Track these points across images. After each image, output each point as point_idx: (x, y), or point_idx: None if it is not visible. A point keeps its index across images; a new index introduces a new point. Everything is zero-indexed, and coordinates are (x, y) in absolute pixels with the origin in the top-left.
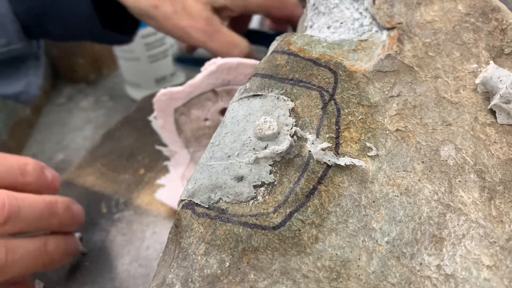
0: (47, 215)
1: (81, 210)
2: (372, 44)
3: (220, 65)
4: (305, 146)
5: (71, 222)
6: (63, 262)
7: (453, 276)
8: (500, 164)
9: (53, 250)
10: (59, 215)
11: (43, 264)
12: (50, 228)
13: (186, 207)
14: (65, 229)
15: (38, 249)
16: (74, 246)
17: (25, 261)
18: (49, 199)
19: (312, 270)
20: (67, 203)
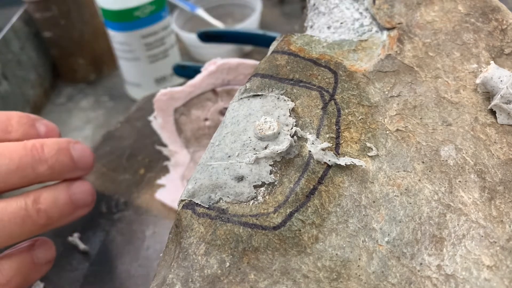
0: (30, 164)
1: (86, 151)
2: (372, 44)
3: (220, 65)
4: (305, 146)
5: (70, 167)
6: (71, 217)
7: (453, 276)
8: (500, 164)
9: (49, 206)
10: (49, 160)
11: (35, 225)
12: (39, 179)
13: (187, 207)
14: (64, 177)
15: (24, 209)
16: (84, 195)
17: (7, 227)
18: (31, 143)
19: (312, 270)
20: (60, 144)
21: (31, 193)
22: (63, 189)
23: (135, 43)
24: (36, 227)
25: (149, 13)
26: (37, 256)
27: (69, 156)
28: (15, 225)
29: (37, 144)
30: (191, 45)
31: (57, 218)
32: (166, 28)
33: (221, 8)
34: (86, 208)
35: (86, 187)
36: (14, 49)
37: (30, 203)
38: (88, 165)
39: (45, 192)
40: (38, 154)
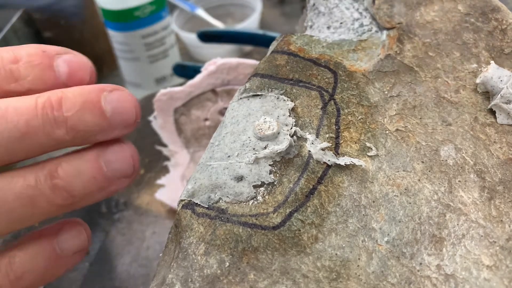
0: (41, 128)
1: (126, 100)
2: (372, 44)
3: (220, 65)
4: (305, 146)
5: (102, 127)
6: (103, 193)
7: (453, 276)
8: (500, 164)
9: (69, 181)
10: (69, 120)
11: (52, 205)
12: (58, 146)
13: (186, 207)
14: (93, 141)
15: (34, 186)
16: (121, 162)
17: (13, 210)
18: (44, 98)
19: (312, 270)
20: (86, 96)
21: (47, 163)
22: (91, 156)
23: (135, 43)
24: (54, 208)
25: (149, 13)
26: (62, 245)
27: (98, 111)
28: (22, 207)
29: (52, 97)
30: (191, 45)
31: (81, 195)
32: (166, 28)
33: (221, 8)
34: (125, 180)
35: (125, 152)
36: None
37: (43, 178)
38: (128, 121)
39: (66, 161)
40: (53, 113)
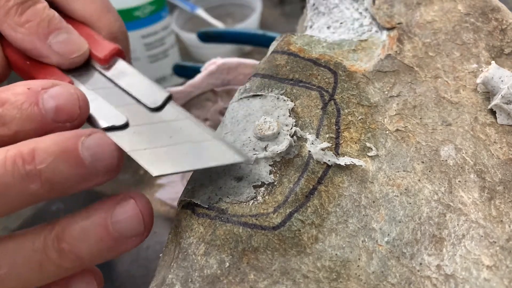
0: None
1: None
2: (372, 44)
3: (220, 65)
4: (305, 146)
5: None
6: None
7: (453, 276)
8: (500, 164)
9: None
10: (43, 173)
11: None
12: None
13: (186, 207)
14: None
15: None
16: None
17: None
18: (13, 152)
19: (312, 270)
20: (61, 144)
21: (55, 226)
22: (98, 217)
23: (135, 43)
24: (62, 271)
25: (149, 13)
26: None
27: (75, 160)
28: (31, 271)
29: (23, 150)
30: (191, 45)
31: (89, 258)
32: (166, 28)
33: (221, 8)
34: (136, 239)
35: (134, 210)
36: None
37: (51, 242)
38: (110, 167)
39: (73, 223)
40: (25, 167)
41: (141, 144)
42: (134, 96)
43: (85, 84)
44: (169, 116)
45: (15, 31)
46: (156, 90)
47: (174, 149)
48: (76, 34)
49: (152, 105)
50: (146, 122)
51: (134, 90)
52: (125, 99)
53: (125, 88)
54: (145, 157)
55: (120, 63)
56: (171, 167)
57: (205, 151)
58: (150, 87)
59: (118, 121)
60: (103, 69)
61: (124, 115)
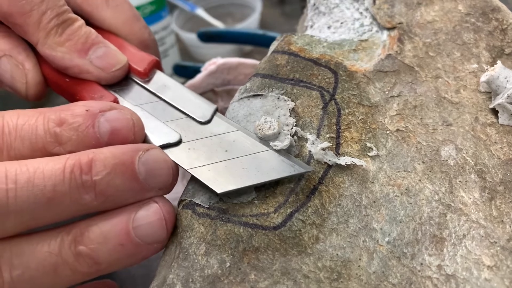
0: (67, 194)
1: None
2: (373, 44)
3: (220, 65)
4: (306, 146)
5: (134, 191)
6: (132, 259)
7: (453, 276)
8: (501, 164)
9: (95, 248)
10: (97, 185)
11: (75, 274)
12: (86, 211)
13: (187, 207)
14: (124, 204)
15: (57, 254)
16: (152, 227)
17: (35, 278)
18: (73, 161)
19: (312, 270)
20: (118, 158)
21: (74, 227)
22: (120, 220)
23: None
24: (78, 276)
25: (149, 13)
26: None
27: (131, 174)
28: (45, 275)
29: (82, 159)
30: (191, 45)
31: (107, 263)
32: (166, 28)
33: (221, 8)
34: (157, 246)
35: (158, 214)
36: None
37: (67, 244)
38: (164, 184)
39: (92, 225)
40: (81, 177)
41: (199, 161)
42: (182, 110)
43: (128, 99)
44: (219, 129)
45: (55, 50)
46: (202, 103)
47: (233, 164)
48: (113, 48)
49: (202, 119)
50: (199, 137)
51: (181, 103)
52: (173, 113)
53: (171, 102)
54: (206, 175)
55: (159, 75)
56: (234, 184)
57: (264, 164)
58: (196, 100)
59: (172, 138)
60: (144, 82)
61: (175, 131)
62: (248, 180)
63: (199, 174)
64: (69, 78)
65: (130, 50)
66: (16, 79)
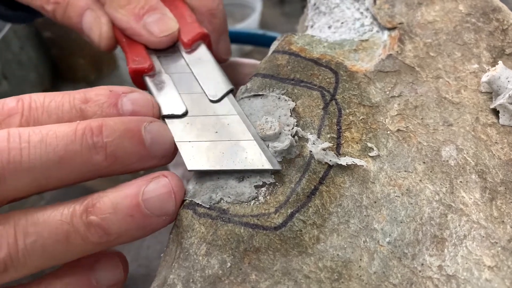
0: (79, 153)
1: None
2: (373, 44)
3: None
4: (306, 146)
5: (140, 156)
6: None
7: (454, 276)
8: (501, 165)
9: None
10: (108, 147)
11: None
12: (96, 173)
13: (187, 207)
14: (131, 169)
15: (69, 223)
16: (161, 198)
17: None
18: (85, 124)
19: (313, 270)
20: (126, 124)
21: (86, 198)
22: (130, 191)
23: None
24: (89, 246)
25: None
26: (98, 277)
27: (138, 140)
28: (57, 243)
29: (93, 124)
30: None
31: (117, 234)
32: None
33: None
34: (166, 219)
35: (167, 188)
36: (14, 49)
37: (79, 214)
38: (166, 152)
39: (104, 196)
40: (93, 139)
41: (189, 136)
42: (201, 85)
43: (164, 66)
44: (223, 109)
45: (117, 11)
46: (221, 82)
47: (214, 146)
48: (170, 15)
49: (212, 97)
50: (202, 114)
51: (202, 79)
52: (192, 87)
53: (196, 76)
54: (188, 151)
55: (202, 48)
56: (205, 165)
57: (240, 152)
58: (217, 78)
59: (178, 110)
60: (186, 52)
61: (185, 105)
62: (219, 165)
63: (182, 148)
64: (126, 38)
65: (186, 19)
66: (93, 30)
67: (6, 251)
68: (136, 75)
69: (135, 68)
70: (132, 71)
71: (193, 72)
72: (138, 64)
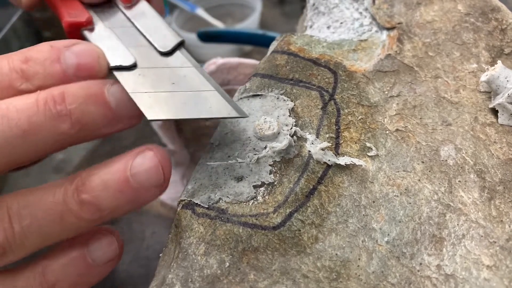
0: (43, 124)
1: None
2: (372, 44)
3: (220, 65)
4: (305, 146)
5: (107, 119)
6: (131, 205)
7: (453, 276)
8: (500, 164)
9: (96, 195)
10: (73, 114)
11: (80, 221)
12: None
13: (186, 207)
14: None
15: (63, 202)
16: (149, 173)
17: (42, 226)
18: (45, 94)
19: (312, 270)
20: (88, 89)
21: (75, 178)
22: (118, 167)
23: None
24: (83, 223)
25: None
26: (93, 254)
27: (103, 103)
28: (52, 223)
29: (54, 92)
30: (191, 45)
31: (109, 209)
32: None
33: (221, 8)
34: (156, 190)
35: (153, 161)
36: (14, 49)
37: (71, 193)
38: (132, 113)
39: (93, 174)
40: (56, 107)
41: (143, 87)
42: (148, 38)
43: (103, 21)
44: (176, 62)
45: None
46: (169, 35)
47: (173, 96)
48: None
49: (162, 49)
50: (153, 66)
51: (149, 32)
52: (138, 40)
53: (140, 30)
54: (144, 101)
55: (142, 3)
56: (166, 114)
57: (203, 101)
58: (164, 30)
59: (126, 61)
60: (125, 8)
61: (133, 56)
62: (182, 113)
63: (138, 99)
64: None
65: None
66: None
67: (2, 235)
68: (72, 30)
69: (72, 22)
70: (68, 25)
71: (136, 26)
72: (74, 18)
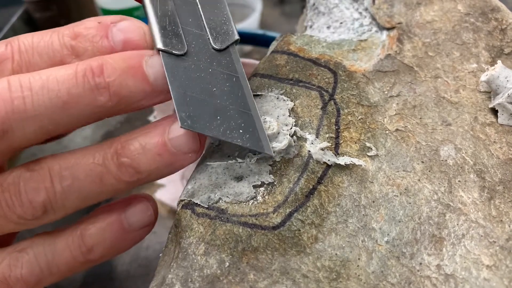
0: (82, 95)
1: None
2: (372, 44)
3: None
4: (305, 146)
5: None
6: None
7: (452, 276)
8: (500, 164)
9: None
10: (111, 86)
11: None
12: (103, 113)
13: (186, 207)
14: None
15: (102, 164)
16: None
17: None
18: (84, 66)
19: (311, 270)
20: (127, 61)
21: (114, 142)
22: (156, 133)
23: None
24: (122, 185)
25: None
26: (129, 219)
27: (141, 76)
28: (92, 184)
29: (93, 64)
30: None
31: (147, 172)
32: None
33: None
34: (192, 155)
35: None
36: None
37: (110, 156)
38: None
39: (131, 139)
40: (94, 80)
41: (183, 83)
42: (206, 28)
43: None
44: (224, 63)
45: None
46: (229, 30)
47: (209, 105)
48: None
49: (216, 45)
50: (202, 61)
51: (209, 22)
52: (194, 22)
53: (203, 17)
54: (181, 101)
55: None
56: (197, 126)
57: (235, 123)
58: (225, 24)
59: (178, 49)
60: None
61: (186, 44)
62: (210, 131)
63: (175, 95)
64: None
65: None
66: None
67: (44, 195)
68: None
69: None
70: None
71: (200, 12)
72: None
